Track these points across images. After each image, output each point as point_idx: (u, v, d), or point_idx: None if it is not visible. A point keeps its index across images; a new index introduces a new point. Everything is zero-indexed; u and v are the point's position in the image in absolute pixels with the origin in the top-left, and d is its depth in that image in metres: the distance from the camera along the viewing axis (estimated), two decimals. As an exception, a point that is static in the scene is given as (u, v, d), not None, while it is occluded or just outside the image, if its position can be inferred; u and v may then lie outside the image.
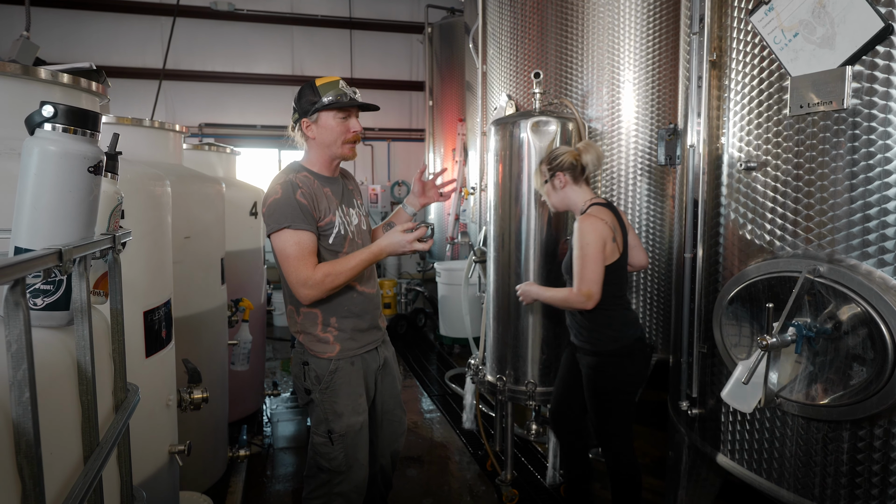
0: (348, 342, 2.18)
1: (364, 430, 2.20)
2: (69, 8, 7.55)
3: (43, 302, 0.93)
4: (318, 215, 2.08)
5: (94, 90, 1.74)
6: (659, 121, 3.24)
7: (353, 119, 2.17)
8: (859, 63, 1.68)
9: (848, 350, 1.68)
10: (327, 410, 2.15)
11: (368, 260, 2.08)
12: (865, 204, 1.68)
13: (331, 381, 2.16)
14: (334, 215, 2.12)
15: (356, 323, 2.20)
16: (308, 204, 2.04)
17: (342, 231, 2.14)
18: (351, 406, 2.16)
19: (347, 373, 2.18)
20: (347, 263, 2.05)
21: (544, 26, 3.44)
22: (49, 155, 0.90)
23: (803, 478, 1.84)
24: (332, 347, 2.16)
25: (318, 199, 2.09)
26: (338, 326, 2.17)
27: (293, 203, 2.01)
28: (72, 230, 0.92)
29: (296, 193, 2.03)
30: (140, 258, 1.78)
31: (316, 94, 2.12)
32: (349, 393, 2.17)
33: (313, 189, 2.09)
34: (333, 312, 2.16)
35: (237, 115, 8.31)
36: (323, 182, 2.16)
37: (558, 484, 3.15)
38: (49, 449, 0.83)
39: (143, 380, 1.76)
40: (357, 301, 2.20)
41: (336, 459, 2.15)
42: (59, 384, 0.90)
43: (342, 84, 2.15)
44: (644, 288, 3.31)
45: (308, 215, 2.04)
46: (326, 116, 2.13)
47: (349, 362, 2.18)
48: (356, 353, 2.21)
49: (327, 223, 2.10)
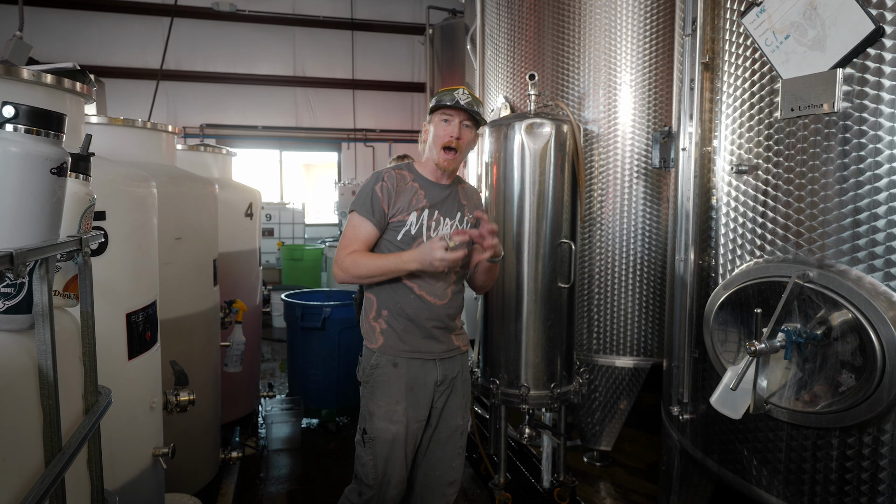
0: (395, 340, 2.12)
1: (398, 445, 2.10)
2: (72, 8, 7.58)
3: (3, 305, 0.92)
4: (391, 210, 2.09)
5: (78, 90, 1.73)
6: (656, 123, 3.22)
7: (454, 123, 2.10)
8: (850, 66, 1.66)
9: (837, 356, 1.65)
10: (365, 406, 2.14)
11: (396, 263, 2.03)
12: (856, 208, 1.65)
13: (371, 375, 2.13)
14: (410, 214, 2.09)
15: (408, 325, 2.12)
16: (383, 197, 2.08)
17: (413, 231, 2.10)
18: (384, 409, 2.10)
19: (387, 373, 2.11)
20: (376, 260, 2.06)
21: (541, 28, 3.42)
22: (9, 156, 0.88)
23: (792, 485, 1.82)
24: (377, 339, 2.14)
25: (401, 195, 2.10)
26: (388, 320, 2.13)
27: (369, 192, 2.10)
28: (33, 232, 0.91)
29: (376, 184, 2.10)
30: (123, 260, 1.77)
31: (433, 100, 2.15)
32: (386, 394, 2.10)
33: (399, 184, 2.11)
34: (386, 305, 2.13)
35: (238, 116, 8.33)
36: (423, 184, 2.15)
37: (552, 488, 3.13)
38: (3, 454, 0.82)
39: (125, 382, 1.76)
40: (413, 303, 2.11)
41: (366, 466, 2.11)
42: (18, 388, 0.89)
43: (460, 91, 2.11)
44: (640, 291, 3.28)
45: (377, 207, 2.07)
46: (434, 119, 2.15)
47: (391, 362, 2.12)
48: (401, 355, 2.12)
49: (399, 220, 2.09)
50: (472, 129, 2.16)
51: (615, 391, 3.36)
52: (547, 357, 2.86)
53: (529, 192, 2.77)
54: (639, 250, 3.27)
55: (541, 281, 2.80)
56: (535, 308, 2.81)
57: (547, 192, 2.77)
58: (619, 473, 3.42)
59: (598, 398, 3.38)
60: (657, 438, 3.46)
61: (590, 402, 3.39)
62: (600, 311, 3.35)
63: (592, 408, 3.39)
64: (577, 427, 3.47)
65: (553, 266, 2.78)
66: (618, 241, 3.29)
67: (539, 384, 2.87)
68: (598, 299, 3.35)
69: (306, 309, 4.07)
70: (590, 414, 3.40)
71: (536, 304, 2.80)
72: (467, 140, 2.14)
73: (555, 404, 2.86)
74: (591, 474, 3.41)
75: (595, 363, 3.36)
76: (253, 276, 3.97)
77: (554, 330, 2.82)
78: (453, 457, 2.24)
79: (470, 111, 2.09)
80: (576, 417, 3.44)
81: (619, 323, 3.33)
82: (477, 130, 2.21)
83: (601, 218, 3.32)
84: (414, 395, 2.13)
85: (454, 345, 2.24)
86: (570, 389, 2.88)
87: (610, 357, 3.35)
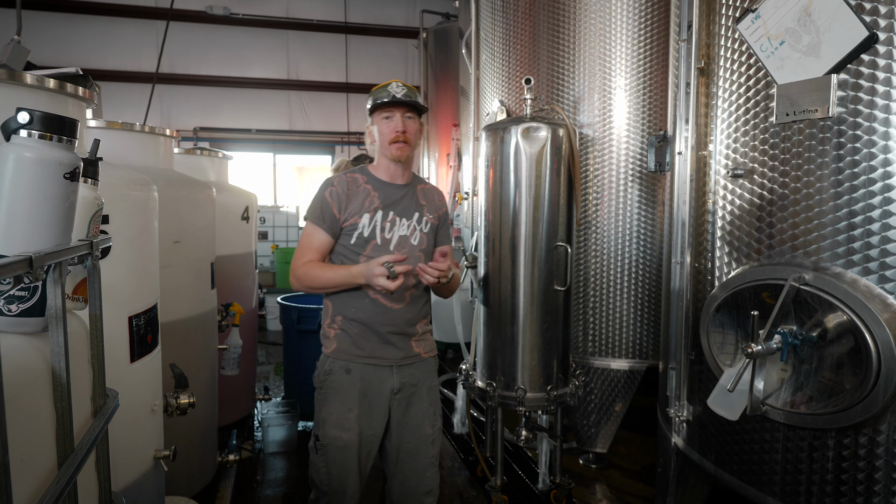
0: (348, 345, 2.10)
1: (350, 452, 2.06)
2: (64, 11, 7.55)
3: (17, 308, 0.93)
4: (342, 215, 2.08)
5: (80, 95, 1.73)
6: (650, 127, 3.25)
7: (396, 118, 2.09)
8: (844, 71, 1.69)
9: (833, 358, 1.68)
10: (318, 412, 2.11)
11: (345, 276, 2.03)
12: (851, 212, 1.68)
13: (325, 381, 2.10)
14: (362, 217, 2.08)
15: (363, 330, 2.09)
16: (333, 203, 2.08)
17: (365, 234, 2.09)
18: (336, 417, 2.06)
19: (340, 379, 2.09)
20: (328, 272, 2.06)
21: (536, 32, 3.45)
22: (24, 161, 0.89)
23: (789, 486, 1.84)
24: (331, 343, 2.12)
25: (353, 198, 2.09)
26: (342, 325, 2.11)
27: (319, 199, 2.11)
28: (47, 236, 0.92)
29: (326, 190, 2.10)
30: (125, 263, 1.77)
31: (370, 100, 2.14)
32: (338, 401, 2.08)
33: (351, 188, 2.10)
34: (341, 310, 2.12)
35: (232, 120, 8.32)
36: (377, 186, 2.14)
37: (548, 490, 3.15)
38: (20, 456, 0.83)
39: (127, 385, 1.76)
40: (368, 308, 2.09)
41: (320, 472, 2.08)
42: (33, 391, 0.89)
43: (394, 85, 2.11)
44: (636, 294, 3.31)
45: (328, 213, 2.08)
46: (376, 119, 2.14)
47: (345, 368, 2.09)
48: (354, 360, 2.09)
49: (351, 224, 2.09)
50: (416, 119, 2.15)
51: (611, 393, 3.38)
52: (543, 359, 2.88)
53: (525, 195, 2.79)
54: (634, 253, 3.30)
55: (537, 284, 2.82)
56: (532, 311, 2.83)
57: (543, 195, 2.79)
58: (614, 475, 3.45)
59: (594, 400, 3.40)
60: (653, 441, 3.48)
61: (585, 404, 3.41)
62: (596, 314, 3.37)
63: (588, 410, 3.41)
64: (573, 429, 3.49)
65: (549, 269, 2.80)
66: (613, 243, 3.32)
67: (535, 386, 2.88)
68: (593, 302, 3.37)
69: (303, 312, 4.08)
70: (585, 416, 3.42)
71: (533, 307, 2.82)
72: (413, 131, 2.13)
73: (551, 407, 2.88)
74: (586, 476, 3.43)
75: (591, 365, 3.39)
76: (249, 279, 3.97)
77: (550, 332, 2.84)
78: (427, 466, 2.19)
79: (409, 103, 2.09)
80: (572, 420, 3.46)
81: (614, 325, 3.35)
82: (420, 119, 2.18)
83: (597, 221, 3.34)
84: (367, 402, 2.10)
85: (413, 352, 2.18)
86: (566, 392, 2.90)
87: (605, 359, 3.38)
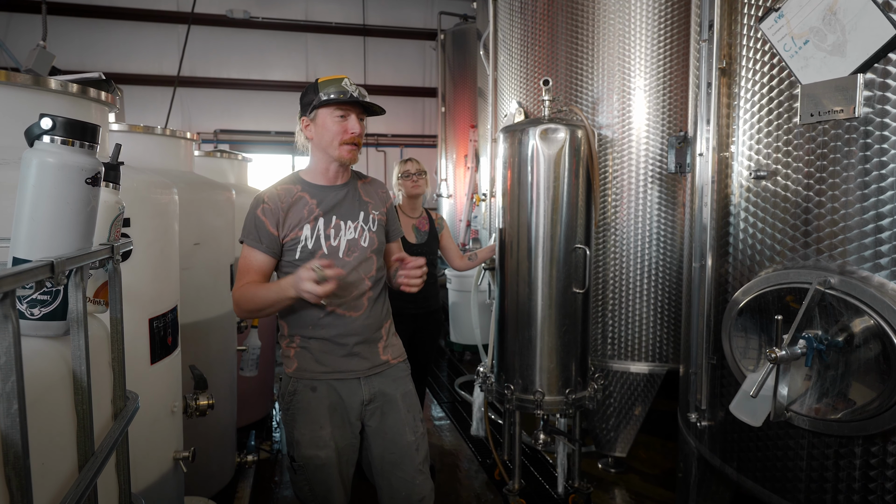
0: (310, 363, 1.98)
1: (330, 468, 1.97)
2: (88, 17, 7.68)
3: (40, 312, 0.94)
4: (280, 232, 1.94)
5: (103, 100, 1.76)
6: (670, 128, 3.22)
7: (352, 119, 1.95)
8: (871, 71, 1.65)
9: (860, 364, 1.64)
10: (289, 434, 2.00)
11: (276, 292, 1.84)
12: (878, 214, 1.64)
13: (290, 402, 1.99)
14: (303, 229, 1.94)
15: (325, 346, 1.97)
16: (267, 220, 1.93)
17: (310, 246, 1.94)
18: (308, 436, 1.96)
19: (306, 398, 1.97)
20: (261, 291, 1.87)
21: (555, 33, 3.43)
22: (47, 167, 0.90)
23: (814, 494, 1.80)
24: (292, 363, 2.01)
25: (289, 212, 1.94)
26: (300, 344, 1.99)
27: (252, 219, 1.95)
28: (69, 241, 0.93)
29: (258, 209, 1.95)
30: (146, 266, 1.79)
31: (316, 92, 1.95)
32: (307, 421, 1.96)
33: (285, 201, 1.95)
34: (297, 329, 1.99)
35: (252, 122, 8.40)
36: (314, 192, 2.00)
37: (567, 494, 3.12)
38: (41, 459, 0.84)
39: (148, 386, 1.78)
40: (325, 322, 1.96)
41: (303, 490, 2.00)
42: (55, 394, 0.90)
43: (346, 82, 1.96)
44: (655, 296, 3.27)
45: (264, 232, 1.92)
46: (324, 114, 1.95)
47: (309, 387, 1.97)
48: (319, 377, 1.97)
49: (292, 238, 1.94)
50: (364, 120, 2.04)
51: (630, 397, 3.35)
52: (561, 362, 2.86)
53: (544, 197, 2.78)
54: (653, 255, 3.26)
55: (555, 286, 2.80)
56: (550, 313, 2.81)
57: (561, 197, 2.77)
58: (634, 480, 3.41)
59: (613, 404, 3.37)
60: (672, 445, 3.44)
61: (604, 407, 3.38)
62: (615, 317, 3.34)
63: (607, 413, 3.38)
64: (592, 433, 3.46)
65: (567, 271, 2.78)
66: (632, 246, 3.29)
67: (553, 390, 2.86)
68: (612, 304, 3.34)
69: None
70: (604, 420, 3.39)
71: (551, 310, 2.80)
72: (363, 133, 2.01)
73: (569, 410, 2.86)
74: (605, 480, 3.39)
75: (610, 369, 3.35)
76: (268, 280, 4.00)
77: (568, 335, 2.82)
78: (414, 475, 2.06)
79: (364, 104, 1.97)
80: (590, 423, 3.43)
81: (633, 328, 3.32)
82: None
83: (615, 223, 3.31)
84: (339, 415, 2.00)
85: (380, 360, 2.06)
86: (584, 395, 2.87)
87: (625, 363, 3.34)
